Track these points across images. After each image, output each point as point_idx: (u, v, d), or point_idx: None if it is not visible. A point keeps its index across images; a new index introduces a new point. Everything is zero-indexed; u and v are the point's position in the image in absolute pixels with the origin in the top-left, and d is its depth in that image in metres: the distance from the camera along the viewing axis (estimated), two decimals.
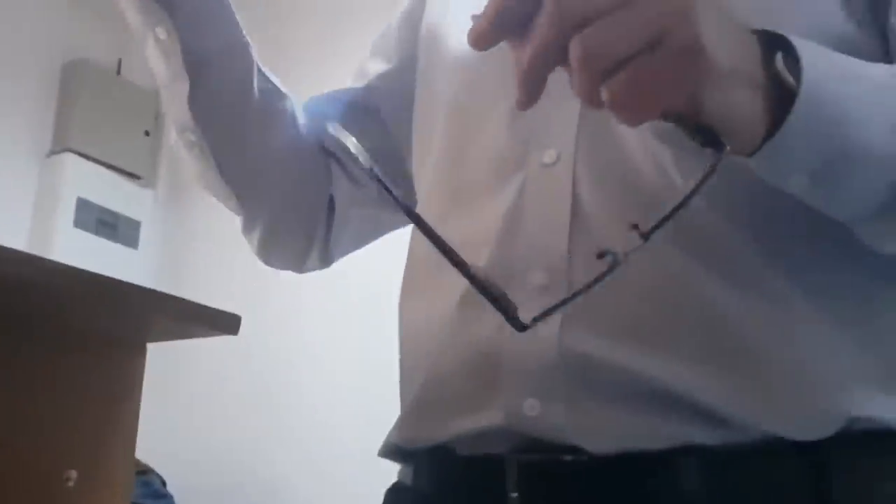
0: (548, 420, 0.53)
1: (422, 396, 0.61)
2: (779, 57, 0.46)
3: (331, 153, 0.84)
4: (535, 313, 0.46)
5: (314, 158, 0.82)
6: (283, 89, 0.80)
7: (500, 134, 0.61)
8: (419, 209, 0.70)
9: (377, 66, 0.84)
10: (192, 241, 3.22)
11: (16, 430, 0.72)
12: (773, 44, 0.47)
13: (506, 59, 0.63)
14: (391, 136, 0.79)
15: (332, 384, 2.77)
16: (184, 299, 0.73)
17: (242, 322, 0.80)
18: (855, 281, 0.55)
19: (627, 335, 0.53)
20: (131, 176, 3.17)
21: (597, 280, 0.44)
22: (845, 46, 0.56)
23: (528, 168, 0.59)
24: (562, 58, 0.41)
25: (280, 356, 2.89)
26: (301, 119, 0.82)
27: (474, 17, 0.43)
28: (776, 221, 0.50)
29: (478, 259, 0.58)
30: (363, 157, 0.50)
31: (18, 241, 2.79)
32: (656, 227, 0.43)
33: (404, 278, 0.69)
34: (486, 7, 0.42)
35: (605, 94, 0.41)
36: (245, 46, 0.76)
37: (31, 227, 2.96)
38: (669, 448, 0.51)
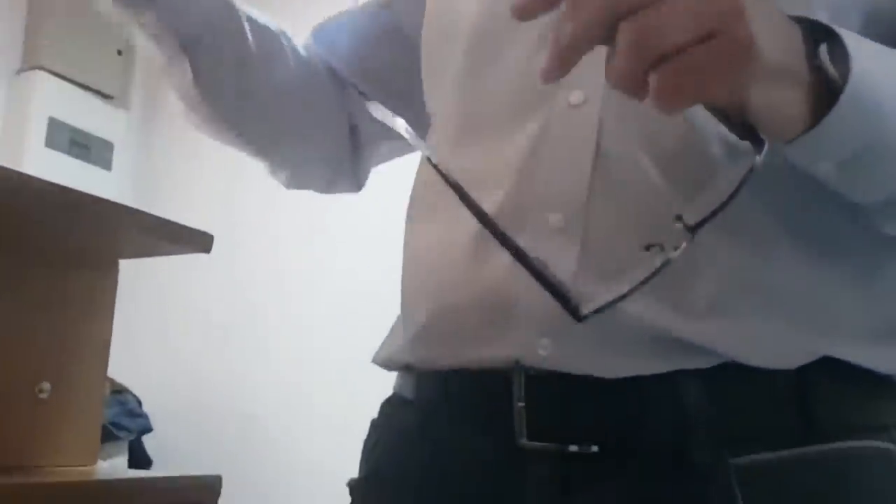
0: (559, 358, 0.55)
1: (430, 324, 0.62)
2: (823, 49, 0.47)
3: (347, 81, 0.83)
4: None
5: (325, 89, 0.82)
6: (274, 28, 0.78)
7: (522, 66, 0.60)
8: (434, 133, 0.69)
9: None
10: (167, 163, 3.19)
11: None
12: (815, 32, 0.48)
13: None
14: (418, 55, 0.75)
15: (307, 305, 2.79)
16: (155, 216, 0.73)
17: (217, 244, 0.80)
18: (850, 230, 0.56)
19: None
20: (104, 96, 3.12)
21: (651, 276, 0.46)
22: (870, 3, 0.56)
23: (554, 107, 0.58)
24: (605, 38, 0.42)
25: (255, 276, 2.90)
26: (304, 51, 0.81)
27: None
28: (776, 175, 0.51)
29: (495, 196, 0.59)
30: (411, 138, 0.53)
31: None
32: (701, 224, 0.46)
33: (414, 198, 0.68)
34: None
35: (652, 81, 0.41)
36: (229, 5, 0.74)
37: (1, 146, 2.91)
38: (674, 370, 0.54)
